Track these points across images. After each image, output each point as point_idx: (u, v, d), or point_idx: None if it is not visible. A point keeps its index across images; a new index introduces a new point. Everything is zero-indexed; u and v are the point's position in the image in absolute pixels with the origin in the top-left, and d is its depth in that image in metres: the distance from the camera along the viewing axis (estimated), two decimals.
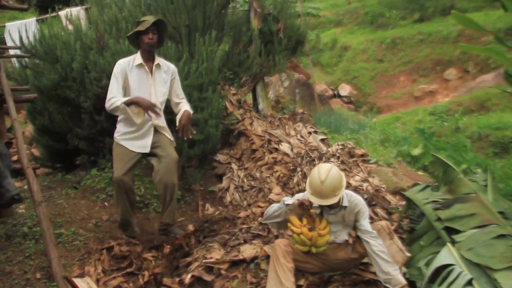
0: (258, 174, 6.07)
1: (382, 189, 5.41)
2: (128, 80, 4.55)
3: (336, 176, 3.52)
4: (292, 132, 6.67)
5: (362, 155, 6.24)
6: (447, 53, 17.64)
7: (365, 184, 5.44)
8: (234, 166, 6.31)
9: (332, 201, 3.53)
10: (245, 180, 6.08)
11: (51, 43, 6.21)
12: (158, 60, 4.67)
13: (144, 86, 4.57)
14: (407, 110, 15.12)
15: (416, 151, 8.85)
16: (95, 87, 5.81)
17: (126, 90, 4.58)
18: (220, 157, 6.47)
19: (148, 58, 4.61)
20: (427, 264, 3.58)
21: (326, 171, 3.50)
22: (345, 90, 18.84)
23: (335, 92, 18.90)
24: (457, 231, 3.62)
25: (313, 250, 3.72)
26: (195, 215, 5.66)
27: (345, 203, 3.74)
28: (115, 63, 4.66)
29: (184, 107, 4.75)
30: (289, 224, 3.72)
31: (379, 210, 4.91)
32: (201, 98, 6.07)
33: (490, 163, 8.79)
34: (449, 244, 3.51)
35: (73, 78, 5.95)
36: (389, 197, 5.26)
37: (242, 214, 5.46)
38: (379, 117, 15.43)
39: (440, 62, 17.71)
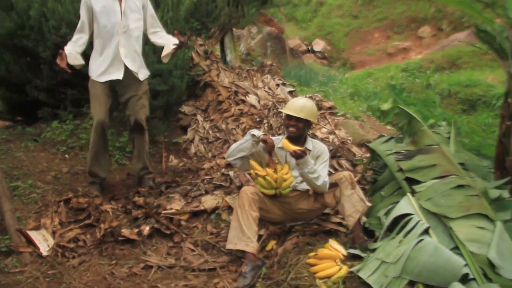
0: (223, 126, 5.97)
1: (348, 141, 5.38)
2: (93, 9, 4.32)
3: (313, 106, 3.73)
4: (260, 84, 6.55)
5: (330, 108, 6.18)
6: (422, 11, 17.57)
7: (331, 136, 5.40)
8: (199, 117, 6.19)
9: (301, 114, 3.58)
10: (210, 131, 5.98)
11: None
12: None
13: (111, 12, 4.33)
14: (380, 67, 15.17)
15: (386, 106, 8.83)
16: (54, 36, 5.51)
17: (93, 20, 4.37)
18: (185, 108, 6.33)
19: None
20: (387, 214, 3.57)
21: (307, 99, 3.81)
22: (319, 45, 18.68)
23: (309, 47, 18.72)
24: (417, 182, 3.60)
25: (279, 192, 3.67)
26: (159, 167, 5.56)
27: (309, 146, 3.72)
28: (74, 11, 4.42)
29: (168, 39, 4.60)
30: (252, 170, 3.65)
31: (343, 162, 4.89)
32: None
33: (458, 118, 8.88)
34: (409, 194, 3.50)
35: (30, 27, 5.60)
36: (354, 149, 5.24)
37: (206, 165, 5.38)
38: (352, 73, 15.41)
39: (414, 19, 17.65)
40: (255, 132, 3.66)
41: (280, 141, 3.74)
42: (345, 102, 7.79)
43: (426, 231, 3.10)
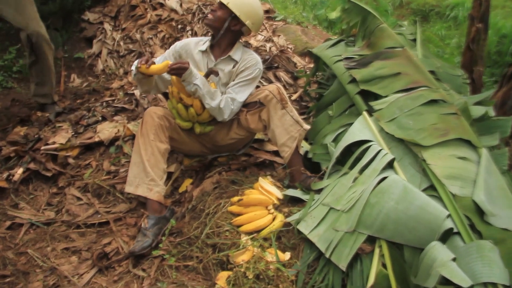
0: (138, 36, 4.83)
1: (289, 49, 4.39)
2: None
3: (253, 2, 2.68)
4: None
5: (267, 11, 5.11)
6: None
7: (268, 45, 4.38)
8: (107, 26, 5.00)
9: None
10: (121, 43, 4.84)
11: None
12: None
13: None
14: None
15: (334, 15, 7.97)
16: None
17: None
18: (89, 15, 5.09)
19: None
20: (336, 140, 2.68)
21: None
22: None
23: None
24: (376, 97, 2.69)
25: (197, 129, 2.71)
26: (57, 89, 4.41)
27: (236, 55, 2.72)
28: None
29: None
30: (171, 87, 2.65)
31: (282, 74, 3.92)
32: None
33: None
34: (365, 114, 2.60)
35: None
36: (296, 59, 4.26)
37: (115, 84, 4.32)
38: None
39: None
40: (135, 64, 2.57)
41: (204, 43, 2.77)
42: (286, 6, 6.70)
43: (390, 165, 2.24)
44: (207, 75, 2.58)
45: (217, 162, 3.01)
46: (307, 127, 2.62)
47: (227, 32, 2.68)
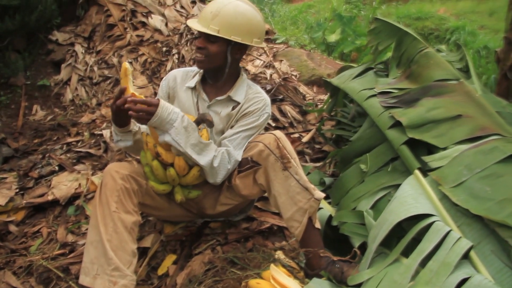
0: (115, 60, 4.14)
1: (294, 77, 3.69)
2: None
3: (238, 10, 1.88)
4: (169, 1, 4.63)
5: (266, 32, 4.43)
6: None
7: (268, 71, 3.69)
8: (79, 48, 4.28)
9: (213, 26, 1.85)
10: (95, 68, 4.13)
11: None
12: None
13: None
14: None
15: (333, 37, 7.50)
16: None
17: None
18: (58, 36, 4.36)
19: None
20: (374, 208, 1.95)
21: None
22: None
23: None
24: (430, 148, 1.97)
25: (178, 196, 1.95)
26: (13, 123, 3.66)
27: (238, 96, 1.99)
28: None
29: None
30: (144, 137, 1.88)
31: (288, 109, 3.20)
32: None
33: None
34: (417, 173, 1.87)
35: None
36: (303, 88, 3.56)
37: (86, 118, 3.59)
38: (290, 6, 13.90)
39: None
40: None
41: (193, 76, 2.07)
42: (286, 27, 6.05)
43: (466, 255, 1.51)
44: (197, 123, 1.83)
45: (209, 229, 2.26)
46: (321, 195, 1.86)
47: (228, 66, 1.95)
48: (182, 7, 4.68)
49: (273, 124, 3.08)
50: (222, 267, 1.96)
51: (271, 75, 3.64)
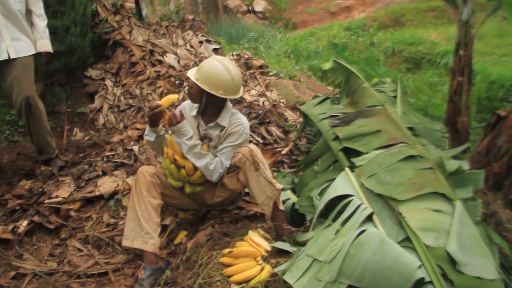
0: (137, 91, 5.09)
1: (281, 104, 4.64)
2: None
3: (215, 69, 2.80)
4: (180, 42, 5.65)
5: (260, 66, 5.40)
6: None
7: (261, 99, 4.64)
8: (108, 82, 5.27)
9: (195, 75, 2.82)
10: (122, 98, 5.10)
11: None
12: None
13: None
14: (323, 26, 14.53)
15: (327, 65, 8.24)
16: None
17: None
18: (92, 72, 5.37)
19: None
20: (321, 194, 2.86)
21: (231, 64, 2.85)
22: (260, 5, 17.70)
23: (250, 8, 17.73)
24: (358, 153, 2.89)
25: (187, 189, 2.90)
26: (60, 142, 4.63)
27: (223, 121, 2.91)
28: None
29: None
30: (166, 148, 2.84)
31: (273, 129, 4.14)
32: (61, 1, 4.86)
33: (402, 77, 8.43)
34: (347, 169, 2.78)
35: None
36: (288, 113, 4.51)
37: (116, 138, 4.53)
38: (294, 33, 14.69)
39: None
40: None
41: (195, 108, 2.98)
42: (280, 60, 7.00)
43: (369, 218, 2.40)
44: (201, 139, 2.79)
45: (210, 215, 3.18)
46: (280, 187, 2.77)
47: (209, 103, 2.87)
48: (191, 46, 5.67)
49: (261, 141, 4.01)
50: (218, 237, 2.87)
51: (263, 102, 4.58)
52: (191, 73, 2.84)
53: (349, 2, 16.41)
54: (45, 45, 3.79)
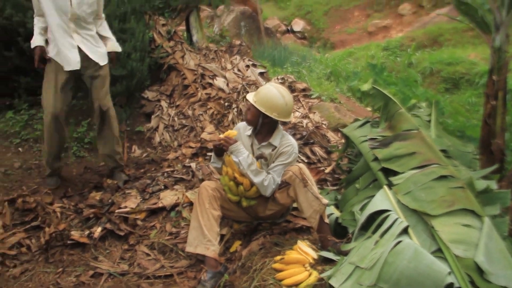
0: (190, 112, 5.54)
1: (323, 125, 5.00)
2: None
3: (271, 95, 3.20)
4: (229, 66, 6.10)
5: (303, 90, 5.78)
6: None
7: (305, 121, 5.01)
8: (164, 103, 5.74)
9: (253, 98, 3.23)
10: (176, 118, 5.55)
11: None
12: None
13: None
14: (361, 46, 14.77)
15: (366, 87, 8.47)
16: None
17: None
18: (148, 94, 5.87)
19: None
20: (362, 209, 3.20)
21: (285, 91, 3.24)
22: (298, 25, 18.21)
23: (289, 28, 18.25)
24: (395, 173, 3.23)
25: (244, 203, 3.29)
26: None
27: (275, 141, 3.29)
28: None
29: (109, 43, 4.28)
30: (226, 168, 3.25)
31: (317, 149, 4.50)
32: (123, 29, 5.40)
33: (440, 98, 8.59)
34: (385, 187, 3.12)
35: None
36: (330, 134, 4.86)
37: (171, 155, 4.97)
38: (333, 53, 15.00)
39: None
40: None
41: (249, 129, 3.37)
42: (321, 83, 7.37)
43: (405, 231, 2.73)
44: (257, 158, 3.19)
45: (261, 227, 3.55)
46: (325, 201, 3.14)
47: (264, 124, 3.26)
48: (239, 70, 6.11)
49: (306, 160, 4.38)
50: (269, 247, 3.24)
51: (306, 124, 4.95)
52: (250, 97, 3.25)
53: (387, 22, 16.64)
54: (114, 45, 4.27)
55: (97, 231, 3.62)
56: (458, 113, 7.93)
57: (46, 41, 4.00)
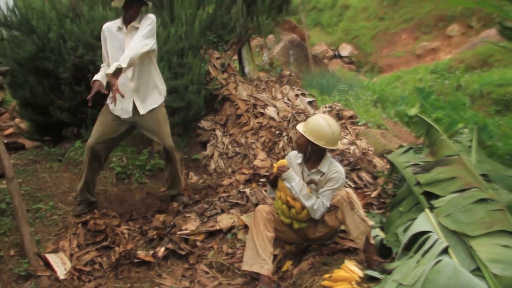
0: (243, 140, 5.89)
1: (370, 152, 5.23)
2: (106, 44, 4.31)
3: (318, 124, 3.49)
4: (279, 95, 6.45)
5: (350, 117, 6.04)
6: (450, 9, 16.92)
7: (352, 147, 5.26)
8: (218, 132, 6.13)
9: (302, 128, 3.52)
10: (229, 146, 5.91)
11: (26, 13, 5.92)
12: (138, 19, 4.25)
13: (119, 50, 4.21)
14: (409, 69, 14.80)
15: (413, 111, 8.57)
16: (72, 57, 5.56)
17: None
18: (204, 123, 6.28)
19: (129, 20, 4.26)
20: (405, 231, 3.41)
21: (332, 121, 3.54)
22: (345, 50, 18.44)
23: (336, 53, 18.51)
24: (437, 196, 3.43)
25: (295, 225, 3.57)
26: None
27: (323, 168, 3.57)
28: (90, 32, 4.38)
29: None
30: (279, 193, 3.56)
31: (364, 175, 4.74)
32: (181, 64, 5.84)
33: (489, 121, 8.56)
34: (427, 210, 3.33)
35: (50, 49, 5.60)
36: (376, 160, 5.08)
37: (226, 181, 5.31)
38: (380, 77, 15.10)
39: (442, 18, 17.10)
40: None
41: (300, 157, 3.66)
42: (368, 110, 7.59)
43: (445, 251, 2.93)
44: (307, 183, 3.48)
45: (311, 248, 3.81)
46: (371, 223, 3.39)
47: (313, 152, 3.54)
48: (288, 99, 6.44)
49: (353, 185, 4.62)
50: (318, 266, 3.50)
51: (353, 150, 5.20)
52: (300, 127, 3.56)
53: (435, 44, 16.57)
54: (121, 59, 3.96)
55: (161, 251, 3.99)
56: (507, 136, 7.91)
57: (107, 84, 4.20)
